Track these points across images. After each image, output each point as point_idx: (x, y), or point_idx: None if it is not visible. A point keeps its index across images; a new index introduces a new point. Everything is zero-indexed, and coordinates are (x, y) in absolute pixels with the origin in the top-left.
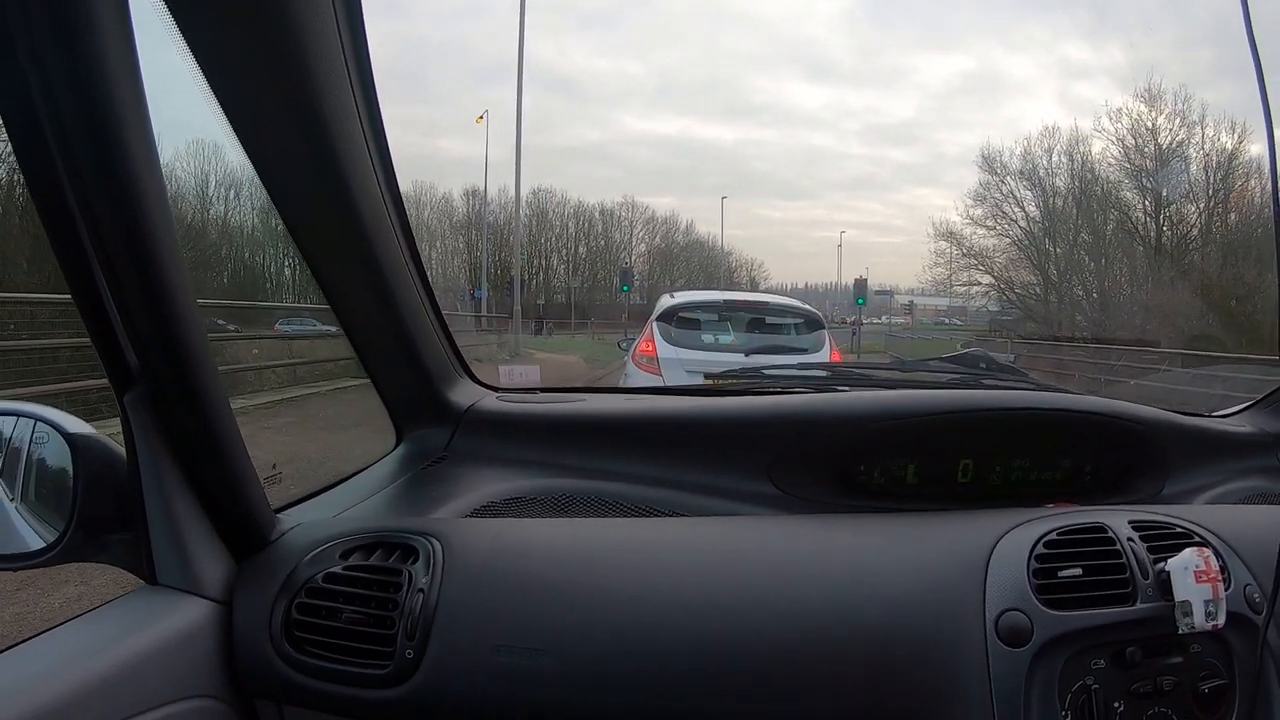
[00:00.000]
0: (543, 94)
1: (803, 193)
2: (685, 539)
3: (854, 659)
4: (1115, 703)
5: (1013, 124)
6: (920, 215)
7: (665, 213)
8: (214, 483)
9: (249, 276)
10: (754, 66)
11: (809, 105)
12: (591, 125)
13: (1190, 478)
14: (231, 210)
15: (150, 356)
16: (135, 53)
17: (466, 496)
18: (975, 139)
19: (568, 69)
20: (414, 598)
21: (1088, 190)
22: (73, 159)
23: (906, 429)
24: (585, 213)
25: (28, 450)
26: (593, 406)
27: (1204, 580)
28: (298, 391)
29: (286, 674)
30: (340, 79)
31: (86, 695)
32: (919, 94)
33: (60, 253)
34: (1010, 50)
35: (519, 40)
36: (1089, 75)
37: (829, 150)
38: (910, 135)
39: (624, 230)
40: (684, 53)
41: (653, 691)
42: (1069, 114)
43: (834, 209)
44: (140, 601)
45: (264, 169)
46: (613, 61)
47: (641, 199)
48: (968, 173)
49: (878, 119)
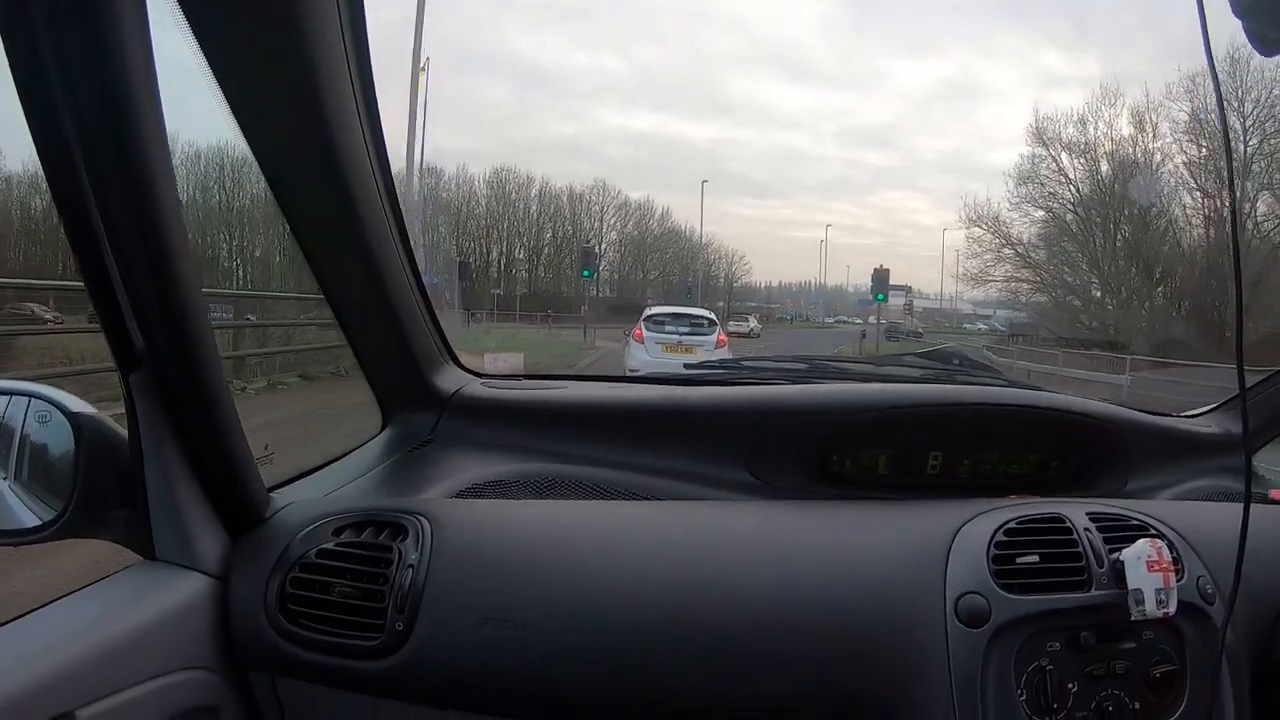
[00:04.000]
0: (518, 86)
1: (776, 193)
2: (662, 521)
3: (821, 638)
4: (1070, 684)
5: (989, 131)
6: (894, 218)
7: (640, 198)
8: (212, 462)
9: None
10: (732, 65)
11: (786, 106)
12: (567, 118)
13: (1153, 475)
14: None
15: (156, 340)
16: (150, 40)
17: (452, 479)
18: (950, 144)
19: (546, 62)
20: (404, 573)
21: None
22: (89, 144)
23: (879, 421)
24: (551, 195)
25: (22, 429)
26: (574, 394)
27: (1156, 570)
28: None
29: (280, 646)
30: (340, 70)
31: (86, 666)
32: (896, 99)
33: (73, 236)
34: (988, 58)
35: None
36: (1065, 85)
37: (805, 151)
38: (886, 139)
39: (594, 216)
40: (662, 50)
41: (627, 665)
42: (1043, 122)
43: (808, 210)
44: (139, 576)
45: (265, 158)
46: (591, 56)
47: (614, 184)
48: (944, 177)
49: (854, 121)
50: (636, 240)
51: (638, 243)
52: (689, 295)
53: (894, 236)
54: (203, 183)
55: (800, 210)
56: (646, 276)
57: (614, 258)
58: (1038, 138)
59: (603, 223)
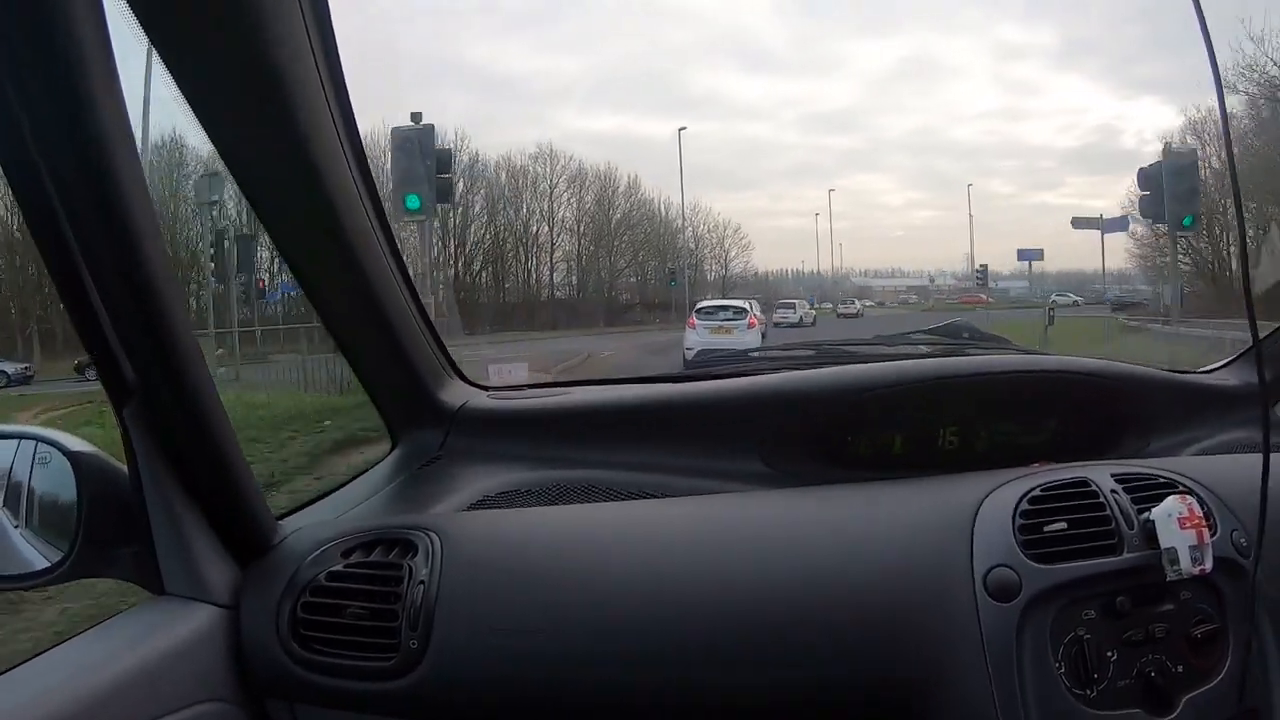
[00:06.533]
0: (476, 95)
1: (746, 183)
2: (675, 517)
3: (848, 623)
4: (1108, 652)
5: (951, 107)
6: (864, 201)
7: (600, 166)
8: (215, 491)
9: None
10: (690, 60)
11: (747, 96)
12: (527, 124)
13: (1176, 432)
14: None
15: (146, 370)
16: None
17: (462, 492)
18: (914, 123)
19: (502, 69)
20: (415, 590)
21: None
22: (60, 173)
23: (891, 399)
24: (477, 163)
25: (31, 473)
26: (581, 398)
27: (1188, 526)
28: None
29: (296, 673)
30: (314, 88)
31: (99, 704)
32: (855, 81)
33: (54, 271)
34: (945, 34)
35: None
36: (1023, 56)
37: (768, 140)
38: (850, 122)
39: (540, 195)
40: (619, 48)
41: (648, 665)
42: (1006, 95)
43: (775, 199)
44: (149, 611)
45: (246, 183)
46: (549, 60)
47: (564, 148)
48: (906, 157)
49: (816, 107)
50: (596, 219)
51: (597, 223)
52: (674, 284)
53: (862, 220)
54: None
55: (770, 200)
56: (614, 264)
57: (569, 245)
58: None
59: (551, 198)
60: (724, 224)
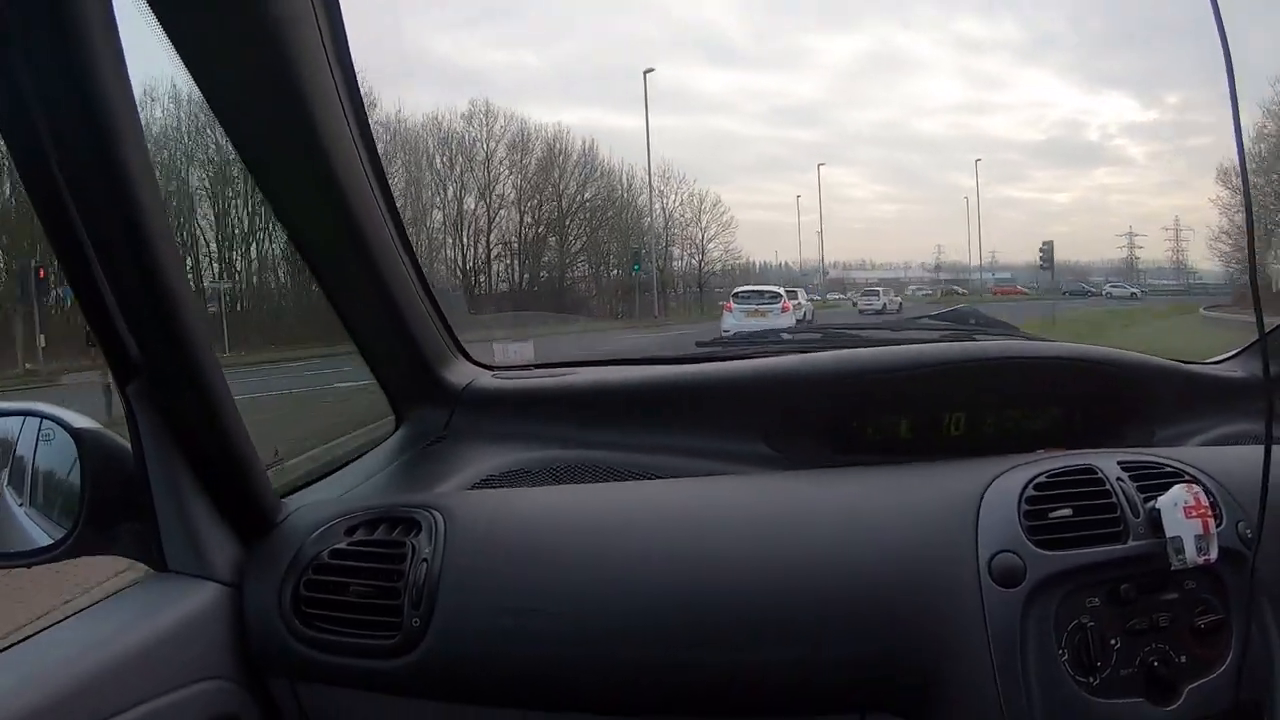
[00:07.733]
0: (441, 92)
1: (713, 178)
2: (679, 498)
3: (848, 606)
4: (1112, 640)
5: (915, 100)
6: (831, 194)
7: (549, 130)
8: (219, 469)
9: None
10: (655, 53)
11: (712, 89)
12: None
13: (1181, 422)
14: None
15: (151, 347)
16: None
17: (466, 471)
18: (880, 116)
19: (468, 65)
20: (418, 568)
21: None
22: (66, 152)
23: (899, 383)
24: (401, 130)
25: (35, 450)
26: (587, 378)
27: (1194, 515)
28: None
29: (298, 650)
30: (324, 72)
31: (102, 681)
32: (820, 74)
33: (58, 247)
34: (905, 28)
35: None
36: (984, 50)
37: (734, 134)
38: (815, 116)
39: (477, 164)
40: (583, 43)
41: (649, 643)
42: (970, 89)
43: (746, 192)
44: (152, 588)
45: (254, 164)
46: (511, 54)
47: (506, 106)
48: (873, 150)
49: (782, 101)
50: (544, 190)
51: (546, 193)
52: (637, 269)
53: (828, 211)
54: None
55: (740, 193)
56: (566, 244)
57: (508, 221)
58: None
59: (489, 168)
60: (700, 195)
